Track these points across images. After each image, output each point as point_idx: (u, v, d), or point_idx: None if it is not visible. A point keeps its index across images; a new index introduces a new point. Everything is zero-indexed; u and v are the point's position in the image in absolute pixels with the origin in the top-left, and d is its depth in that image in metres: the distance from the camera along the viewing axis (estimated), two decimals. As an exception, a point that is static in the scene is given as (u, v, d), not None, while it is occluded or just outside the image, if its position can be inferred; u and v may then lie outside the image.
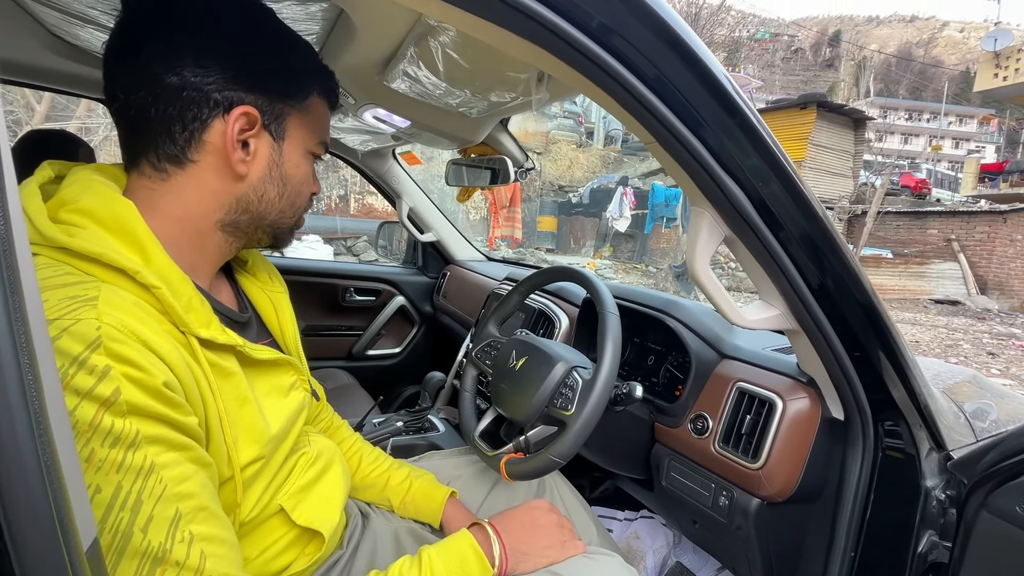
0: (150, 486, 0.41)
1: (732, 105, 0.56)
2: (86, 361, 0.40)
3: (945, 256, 11.16)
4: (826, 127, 13.15)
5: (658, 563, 1.30)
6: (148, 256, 0.49)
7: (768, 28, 53.82)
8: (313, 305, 1.96)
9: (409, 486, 0.84)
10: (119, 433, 0.40)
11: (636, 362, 1.20)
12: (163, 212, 0.54)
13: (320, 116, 0.63)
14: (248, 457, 0.54)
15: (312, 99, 0.61)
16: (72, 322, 0.41)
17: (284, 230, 0.64)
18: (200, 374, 0.50)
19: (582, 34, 0.48)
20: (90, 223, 0.48)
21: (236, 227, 0.59)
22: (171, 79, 0.51)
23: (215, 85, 0.52)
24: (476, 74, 0.89)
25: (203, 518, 0.45)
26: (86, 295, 0.43)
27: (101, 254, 0.46)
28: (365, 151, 1.73)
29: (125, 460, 0.40)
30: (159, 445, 0.43)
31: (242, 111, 0.53)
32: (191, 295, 0.51)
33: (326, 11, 0.79)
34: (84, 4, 0.80)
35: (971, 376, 1.12)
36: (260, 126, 0.55)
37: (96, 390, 0.40)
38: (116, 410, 0.40)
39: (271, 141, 0.57)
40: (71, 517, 0.28)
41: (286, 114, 0.58)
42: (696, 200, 0.64)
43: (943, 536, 0.77)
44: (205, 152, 0.54)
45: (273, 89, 0.56)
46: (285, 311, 0.71)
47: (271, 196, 0.59)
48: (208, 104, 0.52)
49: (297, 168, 0.61)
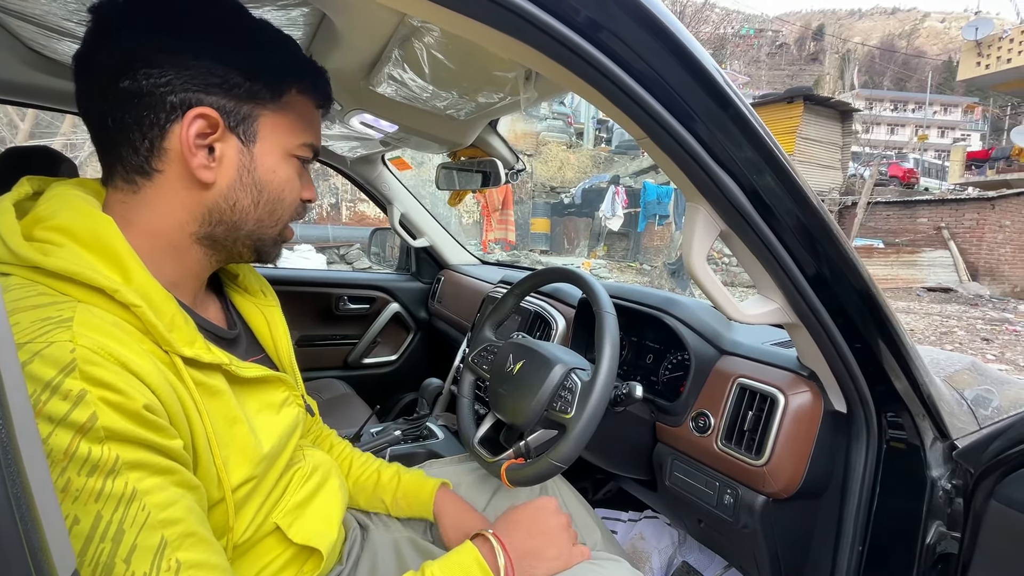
0: (132, 514, 0.39)
1: (723, 97, 0.55)
2: (59, 386, 0.38)
3: (935, 244, 11.26)
4: (813, 120, 13.26)
5: (664, 563, 1.29)
6: (128, 274, 0.47)
7: (752, 24, 54.26)
8: (306, 315, 1.94)
9: (399, 481, 0.83)
10: (97, 460, 0.38)
11: (635, 362, 1.19)
12: (138, 227, 0.51)
13: (302, 116, 0.58)
14: (240, 478, 0.53)
15: (289, 97, 0.56)
16: (44, 345, 0.39)
17: (266, 242, 0.60)
18: (185, 394, 0.48)
19: (569, 30, 0.47)
20: (67, 240, 0.46)
21: (213, 240, 0.56)
22: (124, 84, 0.48)
23: (169, 87, 0.49)
24: (462, 75, 0.88)
25: (190, 544, 0.43)
26: (60, 316, 0.41)
27: (77, 273, 0.44)
28: (354, 158, 1.72)
29: (104, 488, 0.39)
30: (141, 470, 0.41)
31: (197, 113, 0.50)
32: (174, 313, 0.49)
33: (307, 16, 0.77)
34: (60, 17, 0.78)
35: (970, 363, 1.12)
36: (225, 128, 0.52)
37: (71, 416, 0.38)
38: (93, 436, 0.38)
39: (239, 145, 0.53)
40: (46, 551, 0.26)
41: (255, 115, 0.54)
42: (691, 195, 0.63)
43: (951, 526, 0.76)
44: (168, 160, 0.51)
45: (237, 88, 0.52)
46: (278, 325, 0.69)
47: (244, 204, 0.55)
48: (164, 108, 0.49)
49: (273, 173, 0.56)
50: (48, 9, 0.75)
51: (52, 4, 0.73)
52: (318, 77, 0.60)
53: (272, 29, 0.57)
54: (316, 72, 0.60)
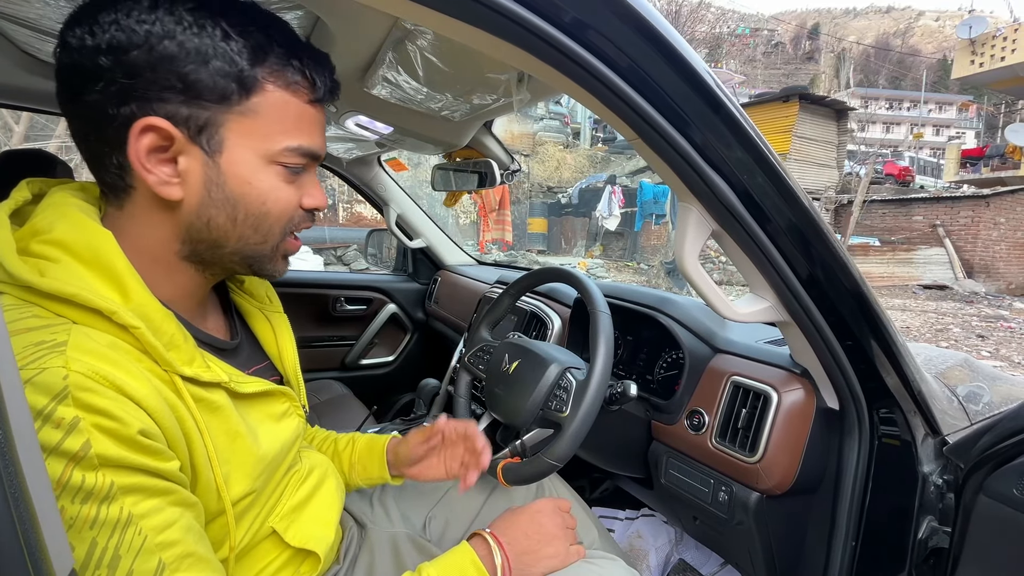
0: (128, 539, 0.39)
1: (713, 99, 0.56)
2: (52, 414, 0.37)
3: (931, 242, 11.31)
4: (809, 119, 13.30)
5: (661, 561, 1.29)
6: (127, 292, 0.45)
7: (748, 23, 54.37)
8: (303, 316, 1.94)
9: (353, 445, 0.82)
10: (91, 488, 0.38)
11: (630, 360, 1.19)
12: (129, 243, 0.48)
13: (282, 115, 0.49)
14: (240, 492, 0.52)
15: (263, 95, 0.47)
16: (36, 372, 0.38)
17: (259, 259, 0.54)
18: (184, 413, 0.47)
19: (560, 32, 0.47)
20: (64, 255, 0.44)
21: (200, 258, 0.52)
22: (86, 98, 0.45)
23: (114, 98, 0.44)
24: (456, 77, 0.89)
25: (188, 565, 0.43)
26: (53, 340, 0.40)
27: (74, 295, 0.42)
28: (350, 159, 1.72)
29: (99, 515, 0.38)
30: (137, 494, 0.40)
31: (144, 125, 0.44)
32: (173, 331, 0.47)
33: (301, 19, 0.78)
34: (54, 20, 0.78)
35: (963, 360, 1.13)
36: (185, 139, 0.46)
37: (64, 445, 0.37)
38: (87, 464, 0.38)
39: (204, 156, 0.47)
40: (43, 550, 0.26)
41: (219, 121, 0.46)
42: (682, 195, 0.64)
43: (942, 521, 0.77)
44: (136, 177, 0.47)
45: (192, 90, 0.45)
46: (284, 333, 0.67)
47: (220, 222, 0.49)
48: (115, 123, 0.45)
49: (247, 185, 0.49)
50: (42, 12, 0.76)
51: (46, 7, 0.74)
52: (311, 65, 0.50)
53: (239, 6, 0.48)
54: (308, 59, 0.50)
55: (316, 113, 0.52)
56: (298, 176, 0.52)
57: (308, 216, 0.55)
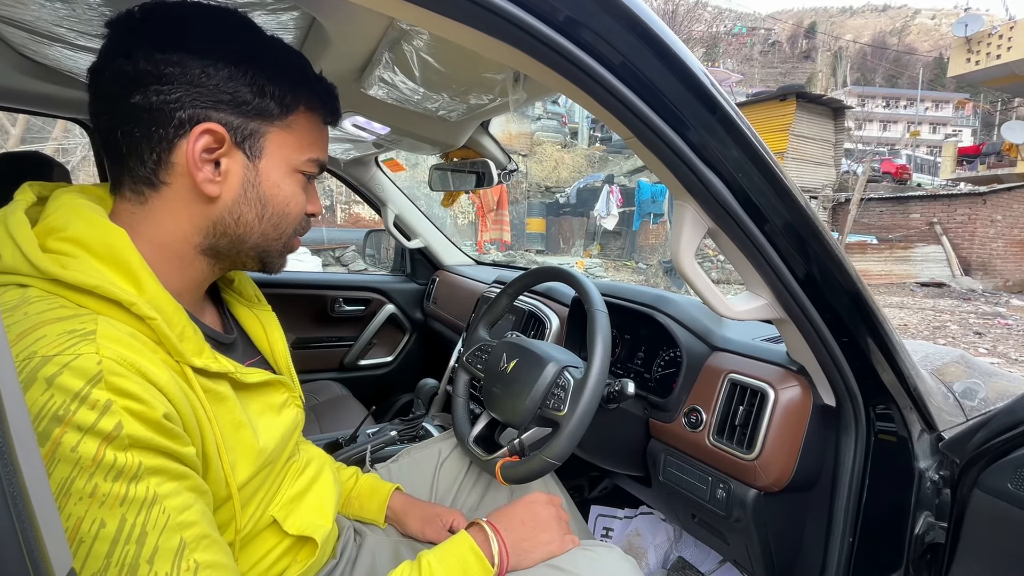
0: (154, 517, 0.42)
1: (709, 98, 0.56)
2: (88, 396, 0.40)
3: (928, 239, 11.34)
4: (806, 118, 13.33)
5: (660, 559, 1.30)
6: (141, 286, 0.48)
7: (745, 23, 54.48)
8: (302, 317, 1.94)
9: (356, 480, 0.86)
10: (122, 467, 0.40)
11: (628, 359, 1.20)
12: (145, 238, 0.52)
13: (309, 132, 0.59)
14: (244, 477, 0.54)
15: (298, 115, 0.57)
16: (72, 357, 0.41)
17: (271, 254, 0.61)
18: (196, 402, 0.49)
19: (555, 32, 0.48)
20: (81, 252, 0.47)
21: (217, 251, 0.57)
22: (136, 99, 0.49)
23: (179, 104, 0.50)
24: (452, 77, 0.89)
25: (206, 546, 0.45)
26: (84, 329, 0.43)
27: (97, 286, 0.45)
28: (347, 160, 1.72)
29: (128, 493, 0.41)
30: (160, 476, 0.43)
31: (204, 129, 0.51)
32: (184, 324, 0.50)
33: (298, 20, 0.78)
34: (50, 23, 0.78)
35: (959, 356, 1.13)
36: (231, 144, 0.53)
37: (98, 425, 0.40)
38: (118, 444, 0.40)
39: (245, 160, 0.54)
40: (43, 549, 0.27)
41: (262, 132, 0.55)
42: (678, 194, 0.64)
43: (939, 516, 0.77)
44: (175, 174, 0.52)
45: (245, 106, 0.53)
46: (274, 329, 0.71)
47: (249, 218, 0.56)
48: (172, 124, 0.50)
49: (278, 188, 0.57)
50: (39, 15, 0.76)
51: (42, 10, 0.74)
52: (327, 94, 0.60)
53: (283, 46, 0.58)
54: (325, 89, 0.60)
55: (327, 132, 0.63)
56: (309, 185, 0.62)
57: (307, 221, 0.64)
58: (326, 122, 0.61)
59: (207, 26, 0.53)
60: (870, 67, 54.40)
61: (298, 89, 0.56)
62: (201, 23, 0.53)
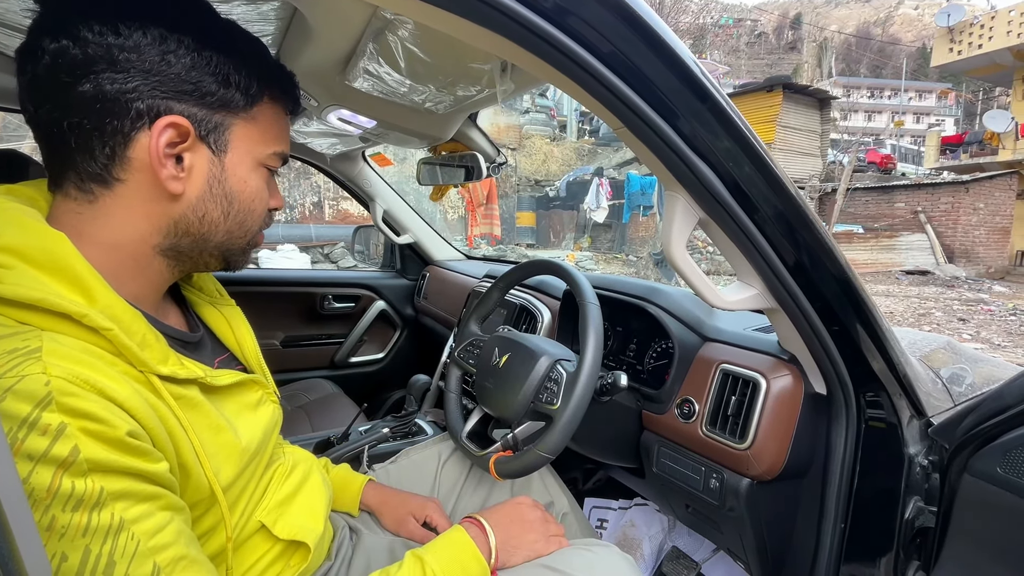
0: (121, 545, 0.39)
1: (699, 87, 0.55)
2: (37, 421, 0.36)
3: (913, 228, 11.50)
4: (793, 108, 13.42)
5: (655, 549, 1.31)
6: (91, 294, 0.44)
7: (731, 14, 54.62)
8: (291, 315, 1.92)
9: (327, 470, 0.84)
10: (81, 495, 0.37)
11: (620, 351, 1.20)
12: (95, 240, 0.48)
13: (273, 124, 0.56)
14: (229, 478, 0.53)
15: (262, 106, 0.54)
16: (16, 380, 0.37)
17: (235, 252, 0.58)
18: (167, 412, 0.46)
19: (542, 20, 0.47)
20: (17, 262, 0.42)
21: (178, 252, 0.53)
22: (83, 87, 0.44)
23: (136, 93, 0.45)
24: (438, 68, 0.87)
25: (182, 568, 0.43)
26: (27, 347, 0.39)
27: (40, 300, 0.41)
28: (334, 155, 1.70)
29: (91, 522, 0.37)
30: (126, 499, 0.40)
31: (168, 122, 0.47)
32: (144, 331, 0.47)
33: (279, 10, 0.76)
34: (20, 14, 0.75)
35: (945, 343, 1.15)
36: (195, 138, 0.49)
37: (51, 451, 0.36)
38: (76, 470, 0.37)
39: (210, 155, 0.51)
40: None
41: (227, 124, 0.51)
42: (669, 184, 0.63)
43: (928, 501, 0.78)
44: (132, 170, 0.47)
45: (210, 96, 0.49)
46: (240, 324, 0.68)
47: (214, 216, 0.53)
48: (128, 116, 0.46)
49: (244, 183, 0.54)
50: (7, 6, 0.73)
51: (10, 0, 0.71)
52: (289, 83, 0.58)
53: (242, 31, 0.54)
54: (287, 77, 0.58)
55: (288, 123, 0.61)
56: (271, 178, 0.60)
57: (270, 216, 0.62)
58: (289, 112, 0.59)
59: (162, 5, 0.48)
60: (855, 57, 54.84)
61: (262, 78, 0.54)
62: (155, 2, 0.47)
